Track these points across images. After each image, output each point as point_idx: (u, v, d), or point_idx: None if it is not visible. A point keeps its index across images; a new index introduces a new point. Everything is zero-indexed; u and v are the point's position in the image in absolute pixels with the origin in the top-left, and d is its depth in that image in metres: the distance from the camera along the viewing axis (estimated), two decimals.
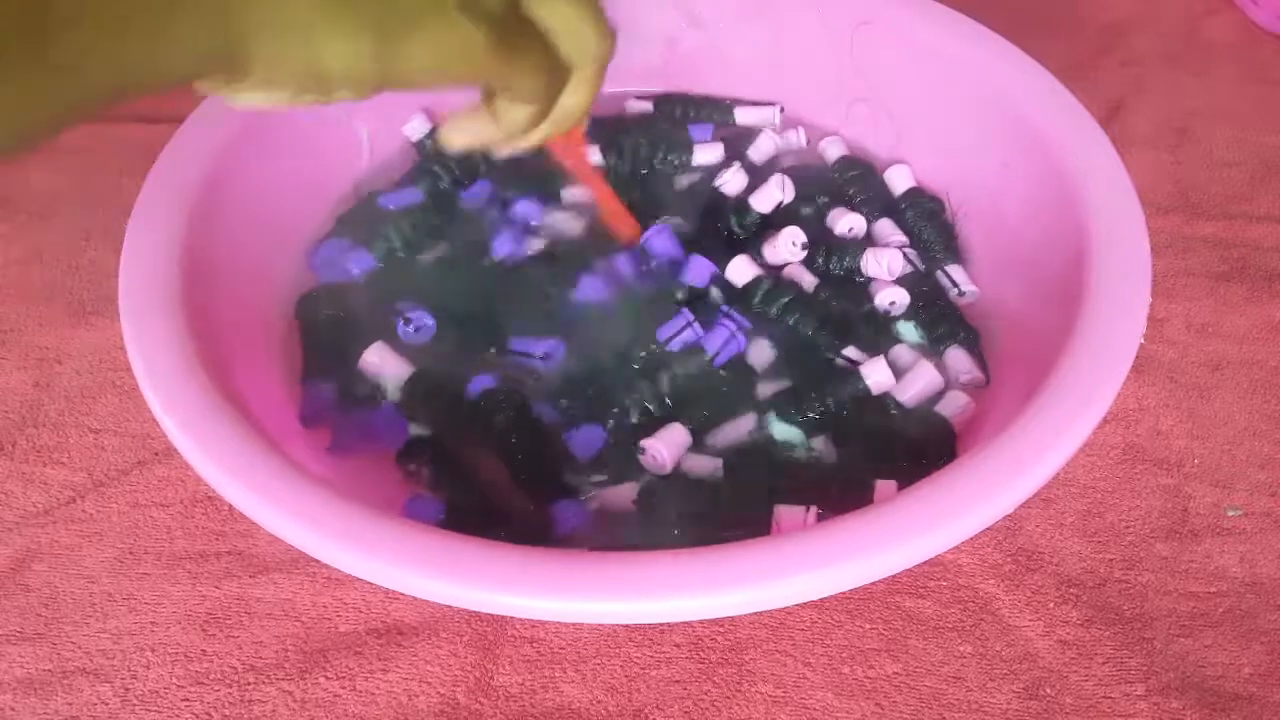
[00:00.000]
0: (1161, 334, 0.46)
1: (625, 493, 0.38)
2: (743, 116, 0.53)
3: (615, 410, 0.40)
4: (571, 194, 0.48)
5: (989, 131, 0.45)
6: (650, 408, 0.40)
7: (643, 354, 0.41)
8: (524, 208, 0.47)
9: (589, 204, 0.47)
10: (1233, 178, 0.54)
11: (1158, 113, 0.57)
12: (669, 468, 0.38)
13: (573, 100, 0.31)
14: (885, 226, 0.47)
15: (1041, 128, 0.42)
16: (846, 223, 0.46)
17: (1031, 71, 0.44)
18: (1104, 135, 0.41)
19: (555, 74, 0.29)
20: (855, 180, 0.49)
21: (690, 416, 0.40)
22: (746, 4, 0.52)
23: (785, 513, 0.36)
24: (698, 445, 0.39)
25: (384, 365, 0.41)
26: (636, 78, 0.54)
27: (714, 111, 0.53)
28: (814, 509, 0.36)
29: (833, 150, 0.51)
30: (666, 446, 0.38)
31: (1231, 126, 0.56)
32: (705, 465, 0.39)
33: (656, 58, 0.54)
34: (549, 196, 0.48)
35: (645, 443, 0.38)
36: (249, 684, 0.35)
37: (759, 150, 0.51)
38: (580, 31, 0.28)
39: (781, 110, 0.53)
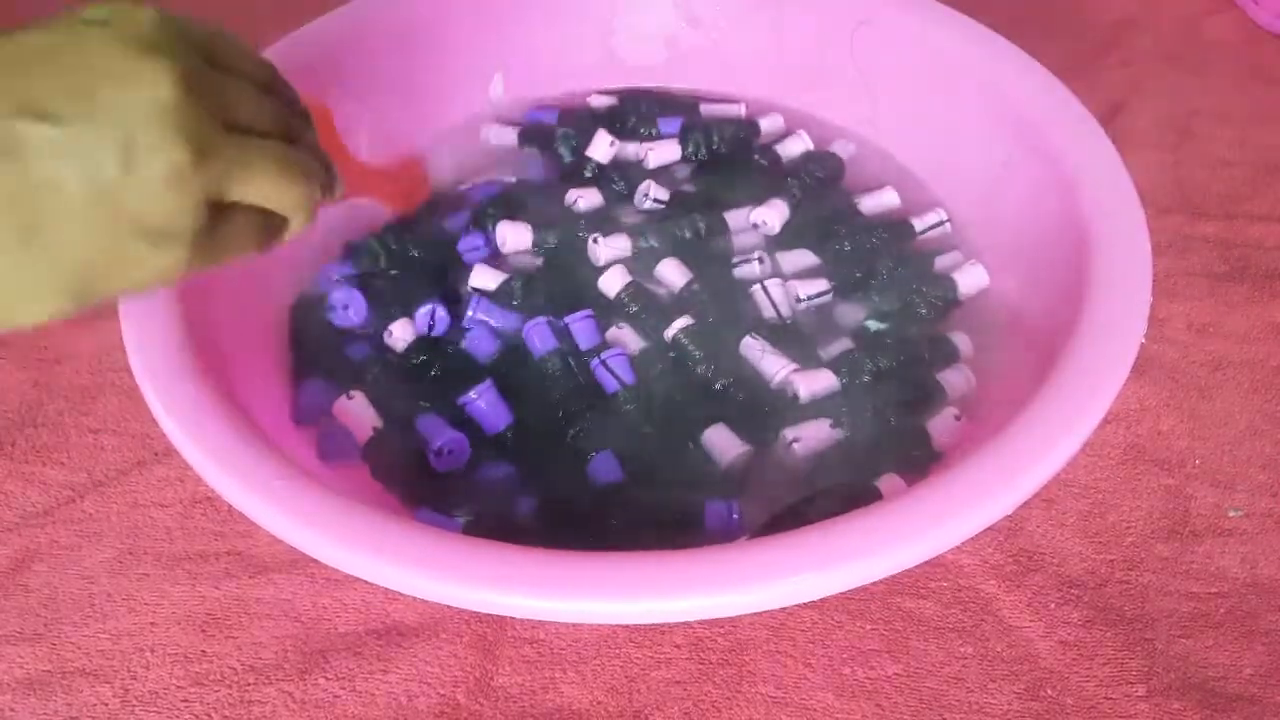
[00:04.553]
0: (1162, 334, 0.46)
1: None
2: (707, 111, 0.53)
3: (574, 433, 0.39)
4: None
5: (989, 131, 0.45)
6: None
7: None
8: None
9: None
10: (1233, 177, 0.54)
11: (1158, 113, 0.57)
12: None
13: (294, 233, 0.30)
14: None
15: (1042, 127, 0.42)
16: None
17: (1032, 71, 0.44)
18: (1104, 135, 0.41)
19: (271, 226, 0.29)
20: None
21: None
22: (746, 3, 0.52)
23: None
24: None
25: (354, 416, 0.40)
26: (639, 75, 0.54)
27: (678, 107, 0.53)
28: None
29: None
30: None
31: (1231, 126, 0.56)
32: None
33: (658, 56, 0.54)
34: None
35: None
36: (249, 684, 0.35)
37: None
38: (289, 194, 0.28)
39: (745, 109, 0.53)
